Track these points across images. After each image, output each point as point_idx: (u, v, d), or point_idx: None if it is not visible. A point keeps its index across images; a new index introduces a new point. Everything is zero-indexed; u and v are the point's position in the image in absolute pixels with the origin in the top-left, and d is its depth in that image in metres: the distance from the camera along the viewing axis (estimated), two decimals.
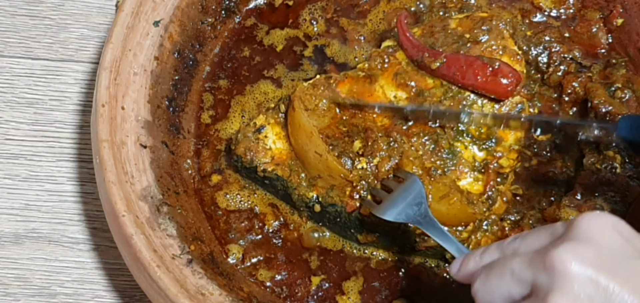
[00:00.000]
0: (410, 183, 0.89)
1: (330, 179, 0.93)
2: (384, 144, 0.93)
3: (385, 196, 0.89)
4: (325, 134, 0.94)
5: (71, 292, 1.01)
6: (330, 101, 0.96)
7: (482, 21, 0.99)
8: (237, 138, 0.98)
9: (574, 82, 1.02)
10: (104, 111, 0.95)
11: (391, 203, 0.88)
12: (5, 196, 1.06)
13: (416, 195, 0.88)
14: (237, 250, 0.96)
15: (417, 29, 1.03)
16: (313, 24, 1.12)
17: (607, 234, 0.62)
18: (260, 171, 0.96)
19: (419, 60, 0.98)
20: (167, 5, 1.04)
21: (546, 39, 1.05)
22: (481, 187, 0.93)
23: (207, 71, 1.09)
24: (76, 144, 1.10)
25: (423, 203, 0.87)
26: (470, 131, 0.95)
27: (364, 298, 0.94)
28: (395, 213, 0.87)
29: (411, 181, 0.89)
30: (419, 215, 0.86)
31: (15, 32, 1.17)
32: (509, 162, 0.95)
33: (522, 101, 0.97)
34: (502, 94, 0.95)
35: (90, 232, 1.05)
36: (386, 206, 0.88)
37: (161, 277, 0.86)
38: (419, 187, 0.88)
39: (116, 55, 0.98)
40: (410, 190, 0.88)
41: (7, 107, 1.12)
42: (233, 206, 0.99)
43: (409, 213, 0.87)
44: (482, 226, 0.93)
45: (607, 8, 1.09)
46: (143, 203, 0.91)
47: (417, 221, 0.86)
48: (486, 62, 0.94)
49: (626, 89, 1.00)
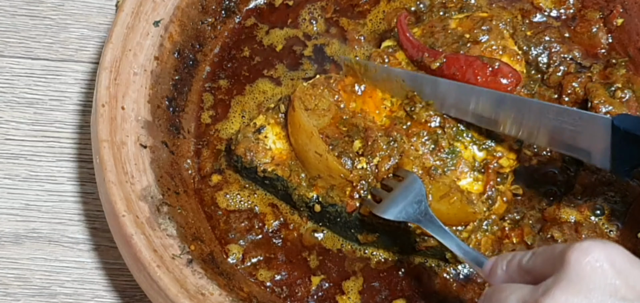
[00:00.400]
0: (411, 182, 0.89)
1: (331, 179, 0.93)
2: (383, 143, 0.93)
3: (386, 195, 0.89)
4: (325, 134, 0.94)
5: (71, 292, 1.01)
6: (346, 71, 0.97)
7: (482, 21, 1.00)
8: (237, 138, 0.98)
9: (574, 82, 1.02)
10: (104, 111, 0.95)
11: (391, 202, 0.88)
12: (5, 196, 1.06)
13: (416, 194, 0.88)
14: (237, 250, 0.96)
15: (417, 29, 1.03)
16: (312, 23, 1.12)
17: (598, 273, 0.61)
18: (261, 171, 0.96)
19: (419, 60, 0.98)
20: (167, 5, 1.04)
21: (546, 39, 1.05)
22: (481, 187, 0.93)
23: (207, 71, 1.09)
24: (76, 144, 1.10)
25: (423, 201, 0.87)
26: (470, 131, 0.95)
27: (364, 298, 0.94)
28: (396, 212, 0.87)
29: (411, 180, 0.89)
30: (419, 213, 0.86)
31: (15, 32, 1.17)
32: (509, 162, 0.95)
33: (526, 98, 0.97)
34: None
35: (90, 232, 1.05)
36: (386, 205, 0.88)
37: (161, 277, 0.86)
38: (419, 185, 0.88)
39: (116, 55, 0.98)
40: (410, 188, 0.88)
41: (7, 107, 1.12)
42: (233, 206, 0.99)
43: (409, 211, 0.87)
44: (482, 226, 0.93)
45: (607, 8, 1.09)
46: (143, 203, 0.91)
47: (417, 220, 0.86)
48: (486, 62, 0.94)
49: (626, 89, 1.00)
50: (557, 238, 0.95)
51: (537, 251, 0.68)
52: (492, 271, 0.73)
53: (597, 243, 0.62)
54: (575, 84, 1.02)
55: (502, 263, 0.71)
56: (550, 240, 0.95)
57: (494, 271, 0.72)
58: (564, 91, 1.03)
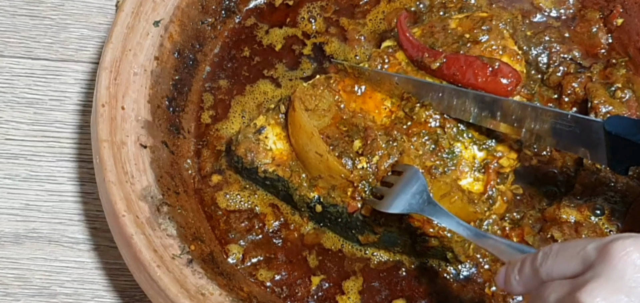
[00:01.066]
0: (411, 175, 0.88)
1: (331, 179, 0.93)
2: (383, 142, 0.93)
3: (387, 191, 0.89)
4: (325, 134, 0.94)
5: (71, 292, 1.01)
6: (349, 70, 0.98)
7: (482, 21, 0.99)
8: (238, 139, 0.97)
9: (574, 83, 1.03)
10: (104, 111, 0.95)
11: (393, 197, 0.87)
12: (5, 196, 1.06)
13: (418, 185, 0.87)
14: (237, 250, 0.96)
15: (417, 29, 1.03)
16: (311, 22, 1.12)
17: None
18: (261, 171, 0.96)
19: (418, 60, 0.98)
20: (167, 5, 1.04)
21: (546, 38, 1.05)
22: (482, 187, 0.93)
23: (207, 71, 1.09)
24: (76, 144, 1.10)
25: (425, 191, 0.87)
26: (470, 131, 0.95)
27: (364, 298, 0.94)
28: (400, 206, 0.86)
29: (411, 173, 0.88)
30: (423, 204, 0.86)
31: (15, 32, 1.17)
32: (509, 162, 0.95)
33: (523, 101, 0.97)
34: (502, 94, 0.95)
35: (90, 232, 1.05)
36: (389, 201, 0.87)
37: (161, 277, 0.86)
38: (419, 176, 0.88)
39: (116, 55, 0.98)
40: (411, 181, 0.88)
41: (7, 107, 1.12)
42: (233, 206, 0.99)
43: (412, 203, 0.86)
44: (483, 225, 0.93)
45: (607, 8, 1.09)
46: (143, 203, 0.91)
47: (421, 210, 0.86)
48: (486, 62, 0.94)
49: (626, 89, 1.00)
50: (557, 238, 0.95)
51: (551, 250, 0.65)
52: (507, 282, 0.70)
53: (637, 239, 0.59)
54: (575, 85, 1.02)
55: (514, 272, 0.69)
56: (550, 239, 0.95)
57: (508, 282, 0.70)
58: (563, 92, 1.03)
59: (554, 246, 0.65)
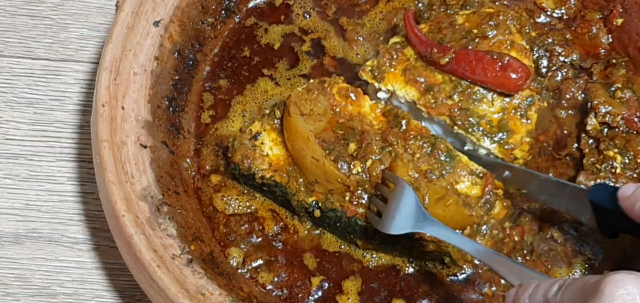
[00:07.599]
0: (402, 192, 0.88)
1: (328, 184, 0.93)
2: (377, 147, 0.92)
3: (383, 208, 0.89)
4: (321, 138, 0.94)
5: (71, 292, 1.02)
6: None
7: (489, 17, 0.99)
8: (234, 145, 0.97)
9: (573, 87, 1.03)
10: (104, 111, 0.95)
11: (391, 217, 0.87)
12: (5, 196, 1.06)
13: (411, 204, 0.87)
14: (237, 253, 0.96)
15: (424, 25, 1.02)
16: (306, 17, 1.12)
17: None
18: (259, 178, 0.95)
19: (427, 56, 0.98)
20: (167, 5, 1.04)
21: (549, 41, 1.05)
22: (479, 191, 0.92)
23: (207, 71, 1.09)
24: (76, 144, 1.10)
25: (419, 206, 0.87)
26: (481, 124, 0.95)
27: (363, 299, 0.94)
28: (399, 227, 0.87)
29: (402, 190, 0.88)
30: (419, 221, 0.86)
31: (16, 32, 1.17)
32: (523, 153, 0.94)
33: (532, 95, 0.97)
34: (512, 88, 0.95)
35: (90, 232, 1.05)
36: (387, 221, 0.87)
37: (161, 276, 0.86)
38: (411, 194, 0.88)
39: (116, 55, 0.98)
40: (403, 199, 0.87)
41: (7, 107, 1.12)
42: (232, 210, 0.99)
43: (409, 222, 0.86)
44: (481, 230, 0.92)
45: (607, 8, 1.09)
46: (143, 203, 0.91)
47: (419, 228, 0.86)
48: (496, 57, 0.94)
49: (626, 89, 1.00)
50: (557, 238, 0.95)
51: (565, 283, 0.68)
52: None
53: (631, 276, 0.64)
54: (574, 90, 1.03)
55: (525, 295, 0.72)
56: (550, 239, 0.95)
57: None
58: (562, 96, 1.03)
59: (567, 280, 0.69)
